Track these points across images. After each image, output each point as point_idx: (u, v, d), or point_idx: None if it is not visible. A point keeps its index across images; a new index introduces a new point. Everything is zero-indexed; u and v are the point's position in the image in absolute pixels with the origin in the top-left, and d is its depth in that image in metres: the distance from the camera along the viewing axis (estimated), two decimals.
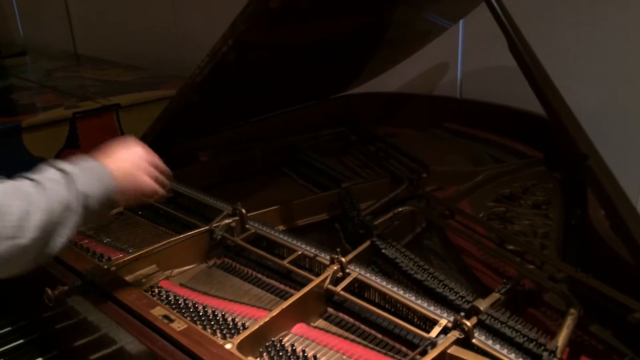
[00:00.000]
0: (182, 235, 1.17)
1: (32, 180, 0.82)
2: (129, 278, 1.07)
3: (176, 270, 1.16)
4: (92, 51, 3.30)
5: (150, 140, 1.49)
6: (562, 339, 0.82)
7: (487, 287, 1.06)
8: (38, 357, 1.15)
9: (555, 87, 0.76)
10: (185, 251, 1.17)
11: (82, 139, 1.94)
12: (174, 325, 0.88)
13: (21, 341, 1.20)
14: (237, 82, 1.43)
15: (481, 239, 1.17)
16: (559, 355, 0.78)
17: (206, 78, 1.28)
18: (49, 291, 0.97)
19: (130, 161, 0.96)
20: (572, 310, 0.88)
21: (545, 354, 0.78)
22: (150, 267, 1.13)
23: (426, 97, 2.02)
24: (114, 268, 1.05)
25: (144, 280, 1.11)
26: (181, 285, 1.11)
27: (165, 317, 0.90)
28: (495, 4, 0.86)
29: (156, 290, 1.07)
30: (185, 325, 0.88)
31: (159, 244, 1.13)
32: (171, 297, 1.04)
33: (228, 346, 0.84)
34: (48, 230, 0.79)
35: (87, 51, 3.39)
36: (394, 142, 1.66)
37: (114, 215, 1.36)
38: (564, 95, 0.93)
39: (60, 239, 0.81)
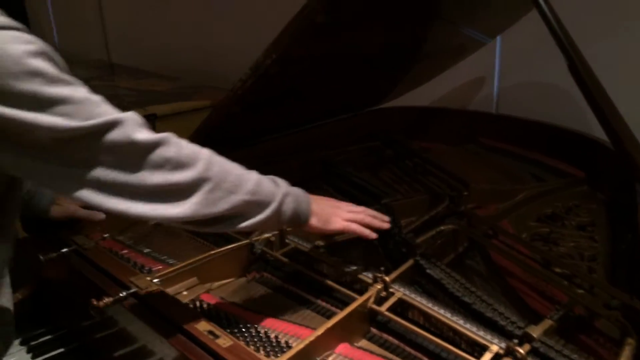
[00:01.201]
0: (223, 249, 1.16)
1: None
2: (170, 290, 1.06)
3: (216, 284, 1.16)
4: (126, 60, 3.35)
5: None
6: None
7: (533, 310, 1.04)
8: None
9: (616, 109, 0.74)
10: (225, 264, 1.16)
11: None
12: (220, 341, 0.87)
13: (61, 350, 1.20)
14: (277, 94, 1.43)
15: (526, 260, 1.14)
16: None
17: (248, 90, 1.28)
18: (95, 302, 0.97)
19: (328, 198, 1.08)
20: (630, 340, 0.85)
21: None
22: (191, 279, 1.13)
23: (461, 111, 2.00)
24: (157, 280, 1.04)
25: (185, 292, 1.11)
26: (221, 298, 1.11)
27: (211, 332, 0.89)
28: (554, 23, 0.84)
29: (198, 304, 1.07)
30: (231, 342, 0.87)
31: (200, 257, 1.13)
32: (213, 311, 1.03)
33: None
34: (252, 203, 0.87)
35: (121, 60, 3.43)
36: (430, 158, 1.65)
37: (152, 225, 1.37)
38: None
39: (255, 219, 0.89)
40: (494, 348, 0.84)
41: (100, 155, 0.76)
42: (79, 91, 0.76)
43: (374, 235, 1.06)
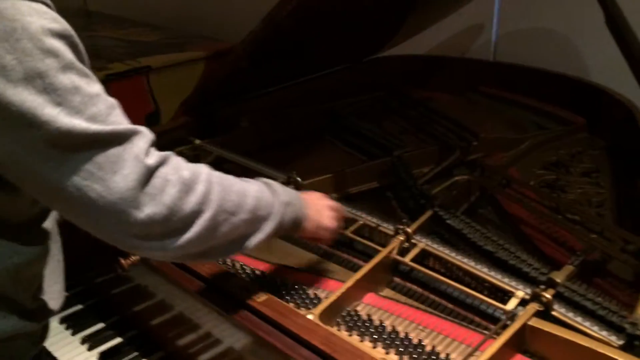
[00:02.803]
0: None
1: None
2: None
3: None
4: (104, 8, 3.21)
5: (194, 104, 1.48)
6: None
7: (547, 256, 1.07)
8: (99, 322, 1.17)
9: None
10: None
11: None
12: (254, 296, 0.89)
13: (80, 306, 1.21)
14: (285, 47, 1.41)
15: (539, 207, 1.17)
16: None
17: (259, 43, 1.26)
18: (122, 260, 0.97)
19: (317, 197, 0.97)
20: None
21: (628, 326, 0.80)
22: None
23: (461, 59, 1.99)
24: None
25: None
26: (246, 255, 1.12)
27: (244, 288, 0.91)
28: None
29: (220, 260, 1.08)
30: (266, 297, 0.89)
31: None
32: (238, 266, 1.05)
33: (310, 317, 0.85)
34: (254, 219, 0.78)
35: (99, 8, 3.30)
36: (436, 108, 1.65)
37: None
38: None
39: (256, 237, 0.79)
40: (520, 294, 0.87)
41: (102, 172, 0.64)
42: (93, 86, 0.66)
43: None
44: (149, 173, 0.67)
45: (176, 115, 1.61)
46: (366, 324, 0.89)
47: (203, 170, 0.74)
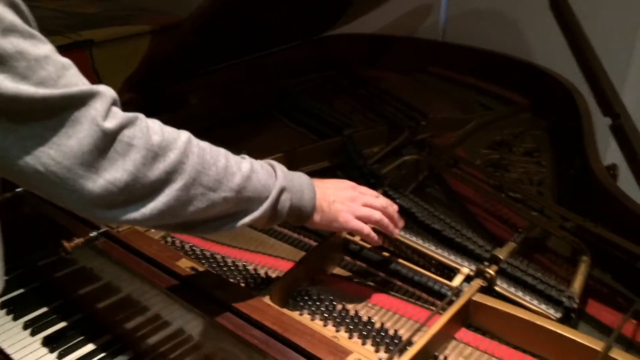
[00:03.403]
0: None
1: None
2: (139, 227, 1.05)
3: None
4: None
5: (140, 80, 1.44)
6: (578, 284, 0.87)
7: (491, 233, 1.11)
8: (42, 306, 1.13)
9: (592, 47, 0.78)
10: None
11: None
12: (203, 277, 0.88)
13: (22, 290, 1.17)
14: (234, 22, 1.38)
15: (484, 186, 1.21)
16: (577, 301, 0.84)
17: (207, 18, 1.23)
18: (65, 243, 0.94)
19: (342, 187, 0.90)
20: (585, 258, 0.93)
21: (565, 299, 0.84)
22: None
23: (410, 39, 2.01)
24: None
25: (153, 229, 1.10)
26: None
27: (193, 269, 0.90)
28: None
29: (170, 240, 1.07)
30: (216, 277, 0.88)
31: None
32: (187, 247, 1.04)
33: (265, 298, 0.85)
34: (239, 200, 0.73)
35: None
36: (386, 87, 1.66)
37: None
38: None
39: (243, 219, 0.75)
40: (465, 270, 0.90)
41: (55, 137, 0.60)
42: (40, 48, 0.60)
43: (378, 242, 0.93)
44: (109, 136, 0.62)
45: (121, 91, 1.55)
46: (317, 303, 0.90)
47: (182, 137, 0.69)
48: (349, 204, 0.87)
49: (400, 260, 0.96)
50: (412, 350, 0.75)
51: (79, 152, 0.61)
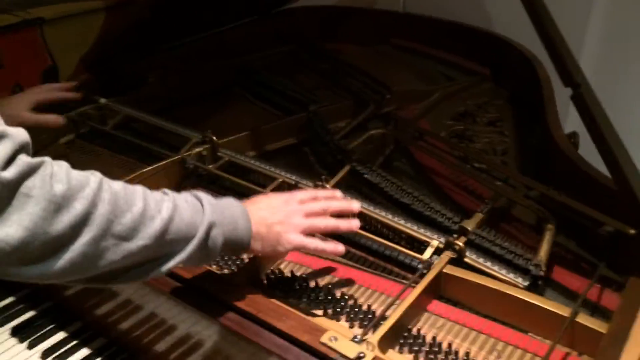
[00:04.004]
0: (154, 166, 1.13)
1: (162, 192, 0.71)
2: None
3: None
4: None
5: (95, 59, 1.40)
6: (544, 252, 0.90)
7: (458, 204, 1.12)
8: (8, 296, 1.10)
9: (551, 17, 0.78)
10: (157, 181, 1.13)
11: (5, 59, 1.75)
12: None
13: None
14: None
15: (449, 157, 1.22)
16: (544, 269, 0.86)
17: None
18: None
19: (269, 205, 0.82)
20: (550, 226, 0.96)
21: (532, 267, 0.86)
22: None
23: (371, 11, 1.99)
24: None
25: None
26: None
27: None
28: None
29: None
30: None
31: (131, 176, 1.09)
32: None
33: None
34: (161, 244, 0.66)
35: None
36: (348, 61, 1.65)
37: (66, 146, 1.29)
38: None
39: (168, 264, 0.68)
40: (435, 243, 0.92)
41: None
42: None
43: (340, 251, 0.85)
44: (6, 187, 0.55)
45: (76, 71, 1.51)
46: (289, 282, 0.90)
47: (90, 184, 0.61)
48: (288, 222, 0.80)
49: (371, 235, 0.96)
50: (386, 325, 0.76)
51: None
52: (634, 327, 0.72)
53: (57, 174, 0.59)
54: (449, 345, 0.79)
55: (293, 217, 0.81)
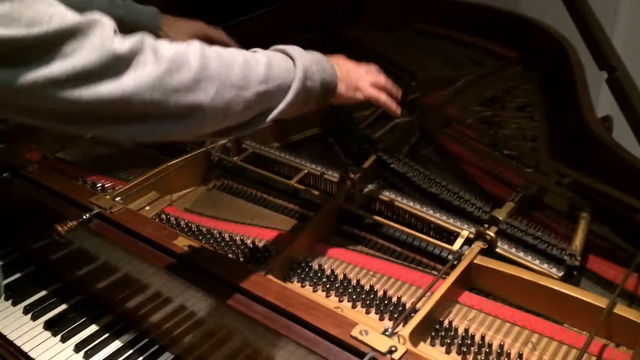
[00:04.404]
0: (180, 159, 1.13)
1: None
2: (132, 206, 1.03)
3: (175, 195, 1.14)
4: None
5: None
6: (579, 241, 0.87)
7: (489, 193, 1.10)
8: (41, 290, 1.12)
9: (587, 1, 0.75)
10: (182, 175, 1.14)
11: None
12: (202, 254, 0.87)
13: (18, 275, 1.16)
14: None
15: (477, 145, 1.20)
16: (579, 258, 0.84)
17: None
18: (58, 227, 0.92)
19: (340, 57, 0.89)
20: (584, 214, 0.93)
21: (567, 257, 0.84)
22: (150, 193, 1.10)
23: None
24: (118, 198, 1.01)
25: (147, 207, 1.08)
26: (186, 210, 1.09)
27: (190, 247, 0.88)
28: None
29: (164, 217, 1.05)
30: (214, 254, 0.87)
31: (158, 169, 1.10)
32: (183, 224, 1.02)
33: (262, 272, 0.84)
34: (268, 90, 0.70)
35: None
36: (371, 47, 1.62)
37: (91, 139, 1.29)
38: None
39: (279, 109, 0.72)
40: (465, 233, 0.90)
41: (68, 71, 0.57)
42: None
43: (398, 112, 0.93)
44: (123, 59, 0.59)
45: None
46: (318, 274, 0.89)
47: (193, 45, 0.65)
48: (364, 75, 0.89)
49: (399, 226, 0.95)
50: (417, 317, 0.75)
51: (98, 85, 0.58)
52: None
53: (160, 44, 0.62)
54: (482, 337, 0.77)
55: (367, 73, 0.90)
